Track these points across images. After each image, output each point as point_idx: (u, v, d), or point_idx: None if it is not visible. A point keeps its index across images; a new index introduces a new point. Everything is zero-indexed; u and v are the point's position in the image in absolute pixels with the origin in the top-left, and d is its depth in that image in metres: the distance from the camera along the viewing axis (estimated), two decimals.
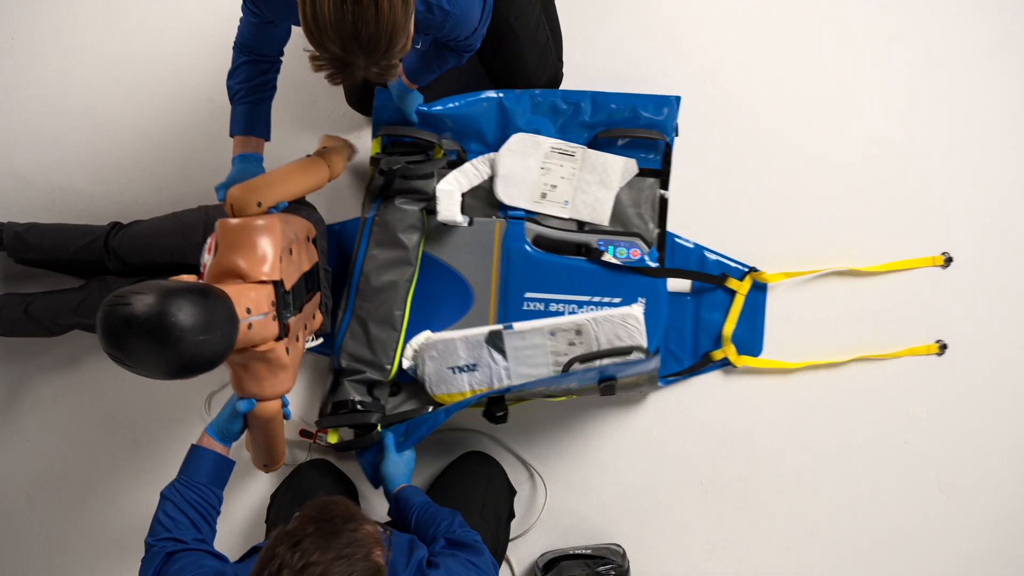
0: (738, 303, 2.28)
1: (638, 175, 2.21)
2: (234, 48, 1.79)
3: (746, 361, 2.30)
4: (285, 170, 1.87)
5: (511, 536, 2.19)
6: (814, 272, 2.31)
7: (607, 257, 2.16)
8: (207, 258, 1.79)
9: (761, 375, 2.33)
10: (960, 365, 2.35)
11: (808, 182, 2.33)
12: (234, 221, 1.67)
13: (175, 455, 2.25)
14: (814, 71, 2.34)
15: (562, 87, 2.27)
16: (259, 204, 1.71)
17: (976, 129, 2.33)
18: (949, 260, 2.33)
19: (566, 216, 2.19)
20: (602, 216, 2.19)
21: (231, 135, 1.85)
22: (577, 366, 2.10)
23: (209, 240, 1.82)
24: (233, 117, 1.84)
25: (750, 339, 2.32)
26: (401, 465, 1.97)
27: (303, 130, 2.29)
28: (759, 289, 2.30)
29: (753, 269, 2.28)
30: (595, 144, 2.20)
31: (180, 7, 2.31)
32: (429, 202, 2.14)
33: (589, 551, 2.24)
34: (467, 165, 2.19)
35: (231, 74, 1.81)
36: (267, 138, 1.88)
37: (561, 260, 2.15)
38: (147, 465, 2.27)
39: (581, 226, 2.20)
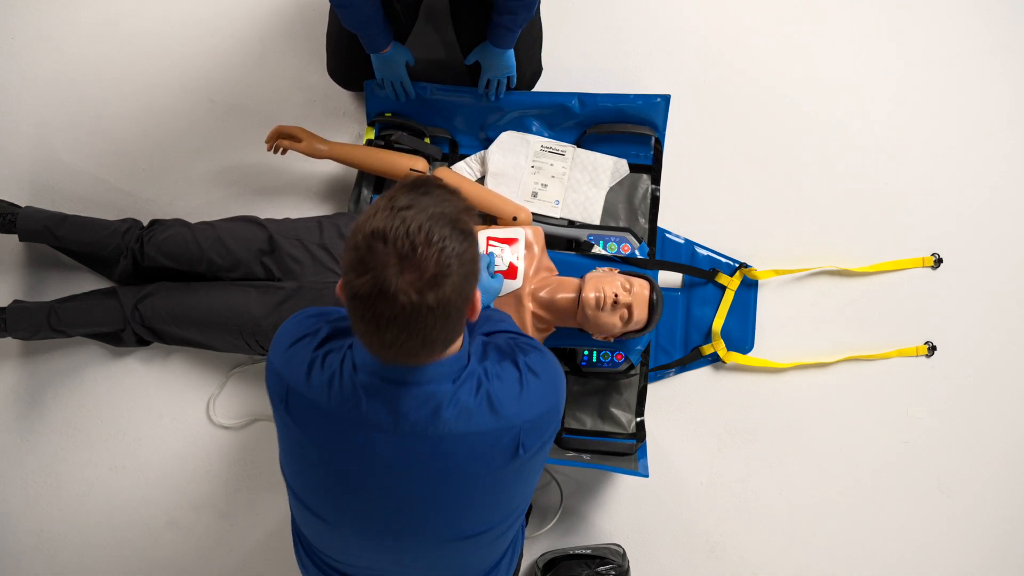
0: (728, 298, 2.30)
1: (629, 171, 2.24)
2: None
3: (735, 357, 2.32)
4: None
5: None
6: (804, 271, 2.34)
7: (597, 250, 2.18)
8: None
9: (758, 374, 2.34)
10: (949, 366, 2.36)
11: (801, 181, 2.36)
12: None
13: (175, 455, 2.28)
14: (810, 70, 2.36)
15: (556, 87, 2.29)
16: None
17: (969, 131, 2.36)
18: (939, 261, 2.35)
19: (557, 216, 2.22)
20: (593, 215, 2.23)
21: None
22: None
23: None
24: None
25: (741, 335, 2.33)
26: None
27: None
28: (749, 286, 2.32)
29: (743, 265, 2.31)
30: (585, 141, 2.24)
31: (181, 6, 2.33)
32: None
33: (589, 551, 2.23)
34: (461, 164, 2.25)
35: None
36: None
37: (552, 255, 2.16)
38: (147, 465, 2.27)
39: (571, 222, 2.22)
